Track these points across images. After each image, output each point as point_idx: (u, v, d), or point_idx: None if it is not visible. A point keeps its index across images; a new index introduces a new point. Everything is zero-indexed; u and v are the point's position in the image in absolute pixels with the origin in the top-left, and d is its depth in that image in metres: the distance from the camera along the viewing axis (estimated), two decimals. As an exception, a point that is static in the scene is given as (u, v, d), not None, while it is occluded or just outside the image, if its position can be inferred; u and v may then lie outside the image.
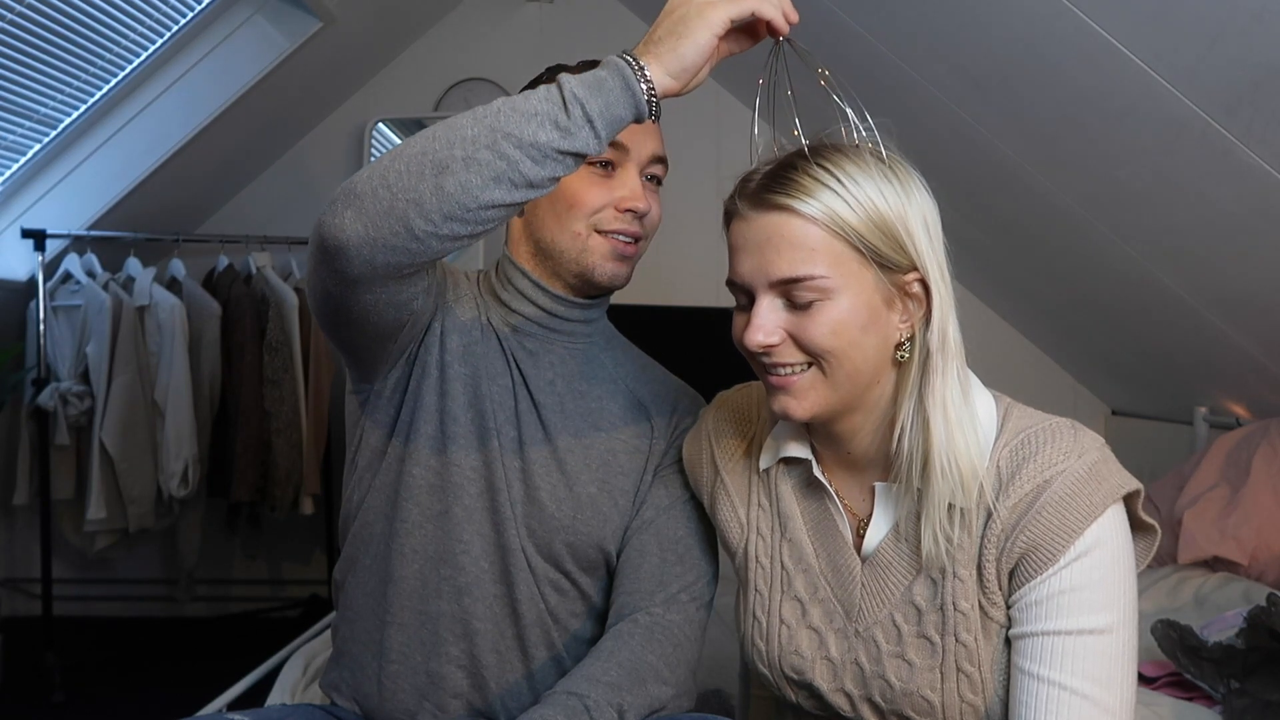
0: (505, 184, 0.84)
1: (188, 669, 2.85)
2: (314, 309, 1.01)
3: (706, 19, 0.84)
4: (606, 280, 1.10)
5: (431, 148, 0.84)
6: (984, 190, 2.44)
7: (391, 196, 0.84)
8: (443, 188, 0.83)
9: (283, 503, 2.96)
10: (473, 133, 0.84)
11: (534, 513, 1.08)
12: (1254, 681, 1.40)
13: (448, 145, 0.84)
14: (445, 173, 0.83)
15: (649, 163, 1.10)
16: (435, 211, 0.84)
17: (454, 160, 0.83)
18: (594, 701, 0.93)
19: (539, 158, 0.84)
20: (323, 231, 0.88)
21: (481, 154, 0.83)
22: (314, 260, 0.93)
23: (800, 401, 0.90)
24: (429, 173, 0.84)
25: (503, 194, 0.85)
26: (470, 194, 0.84)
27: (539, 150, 0.84)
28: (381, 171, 0.86)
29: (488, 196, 0.84)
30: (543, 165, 0.84)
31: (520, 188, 0.85)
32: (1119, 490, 0.86)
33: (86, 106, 2.61)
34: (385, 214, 0.85)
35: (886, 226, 0.86)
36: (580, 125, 0.84)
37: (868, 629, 0.95)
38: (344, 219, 0.86)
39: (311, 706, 1.14)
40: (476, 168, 0.83)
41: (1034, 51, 1.76)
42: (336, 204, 0.87)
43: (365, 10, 2.78)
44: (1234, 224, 1.80)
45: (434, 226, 0.85)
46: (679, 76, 0.86)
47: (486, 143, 0.83)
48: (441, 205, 0.84)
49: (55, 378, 2.79)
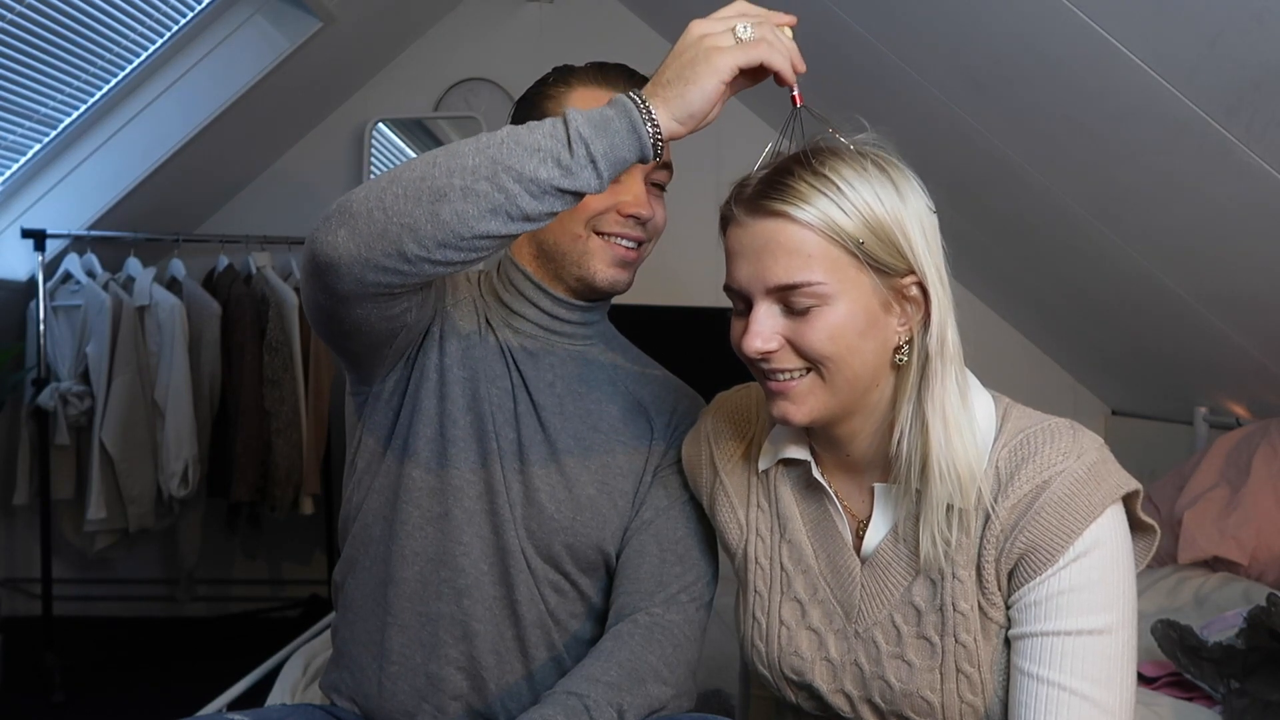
0: (502, 216, 0.84)
1: (188, 669, 2.85)
2: (309, 317, 1.02)
3: (714, 66, 0.84)
4: (607, 285, 1.10)
5: (430, 174, 0.84)
6: (984, 190, 2.44)
7: (386, 219, 0.84)
8: (438, 215, 0.83)
9: (283, 503, 2.96)
10: (473, 163, 0.84)
11: (533, 514, 1.08)
12: (1254, 681, 1.40)
13: (447, 174, 0.84)
14: (442, 201, 0.83)
15: (654, 169, 1.10)
16: (429, 238, 0.84)
17: (452, 189, 0.83)
18: (594, 701, 0.93)
19: (538, 193, 0.84)
20: (315, 247, 0.89)
21: (480, 185, 0.83)
22: (305, 273, 0.93)
23: (799, 406, 0.90)
24: (426, 199, 0.84)
25: (498, 226, 0.84)
26: (466, 224, 0.84)
27: (538, 186, 0.83)
28: (379, 193, 0.85)
29: (483, 227, 0.84)
30: (541, 201, 0.84)
31: (516, 220, 0.85)
32: (1118, 490, 0.86)
33: (86, 106, 2.61)
34: (379, 236, 0.85)
35: (883, 231, 0.85)
36: (583, 165, 0.84)
37: (867, 630, 0.95)
38: (337, 237, 0.86)
39: (312, 707, 1.14)
40: (474, 198, 0.83)
41: (1034, 51, 1.76)
42: (331, 221, 0.87)
43: (365, 10, 2.78)
44: (1234, 224, 1.80)
45: (427, 252, 0.85)
46: (685, 122, 0.86)
47: (486, 174, 0.83)
48: (436, 233, 0.84)
49: (55, 378, 2.79)
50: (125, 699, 2.65)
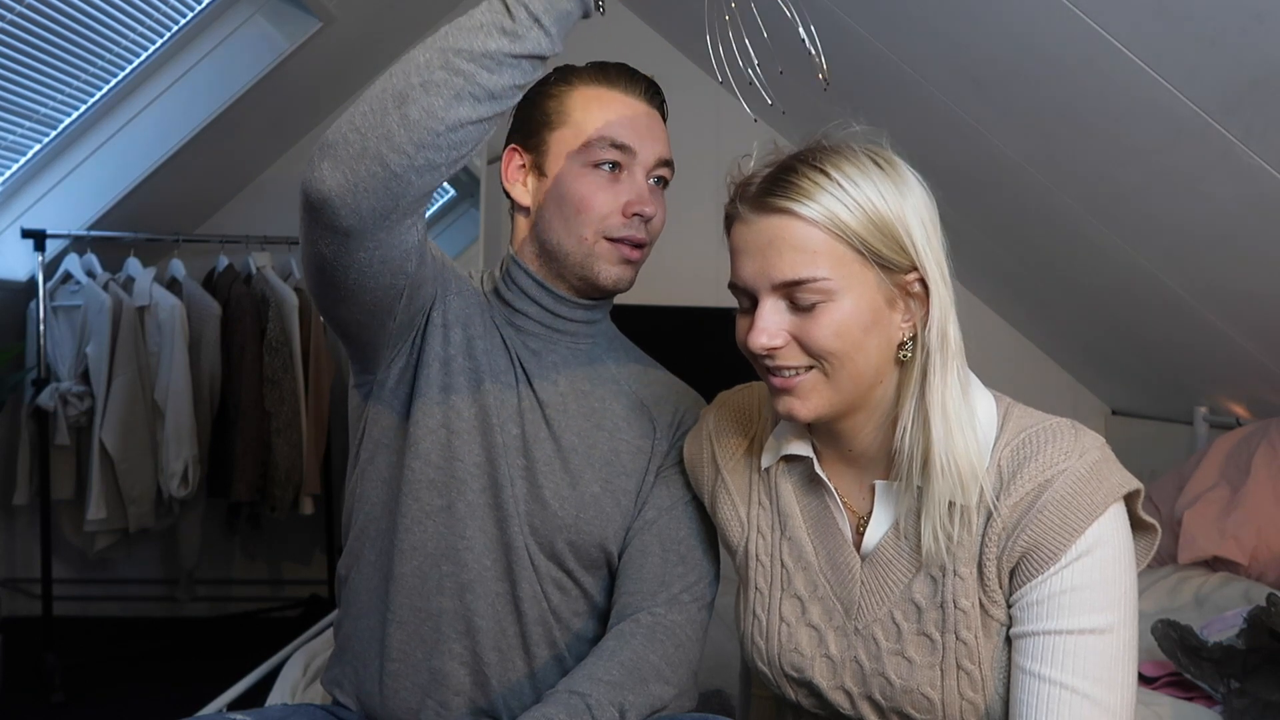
0: (468, 100, 0.85)
1: (188, 669, 2.85)
2: (310, 285, 1.01)
3: None
4: (611, 283, 1.10)
5: (390, 83, 0.86)
6: (984, 190, 2.44)
7: (362, 138, 0.86)
8: (408, 116, 0.85)
9: (283, 503, 2.96)
10: (425, 58, 0.86)
11: (537, 510, 1.08)
12: (1254, 681, 1.40)
13: (404, 76, 0.86)
14: (407, 102, 0.85)
15: (655, 166, 1.10)
16: (406, 142, 0.85)
17: (412, 88, 0.85)
18: (596, 700, 0.93)
19: (494, 66, 0.85)
20: (306, 188, 0.89)
21: (437, 75, 0.85)
22: (305, 222, 0.93)
23: (804, 402, 0.90)
24: (392, 106, 0.85)
25: (467, 111, 0.86)
26: (436, 117, 0.85)
27: (492, 59, 0.85)
28: (349, 117, 0.87)
29: (453, 116, 0.85)
30: (499, 73, 0.86)
31: (484, 101, 0.86)
32: (1120, 490, 0.86)
33: (86, 106, 2.61)
34: (359, 156, 0.86)
35: (886, 227, 0.86)
36: (528, 26, 0.86)
37: (867, 626, 0.95)
38: (322, 170, 0.87)
39: (313, 706, 1.14)
40: (436, 90, 0.85)
41: (1034, 51, 1.76)
42: (314, 159, 0.89)
43: (365, 10, 2.78)
44: (1234, 223, 1.80)
45: (408, 159, 0.86)
46: None
47: (440, 63, 0.85)
48: (411, 135, 0.85)
49: (55, 378, 2.79)
50: (125, 699, 2.65)
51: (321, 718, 1.12)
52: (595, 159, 1.07)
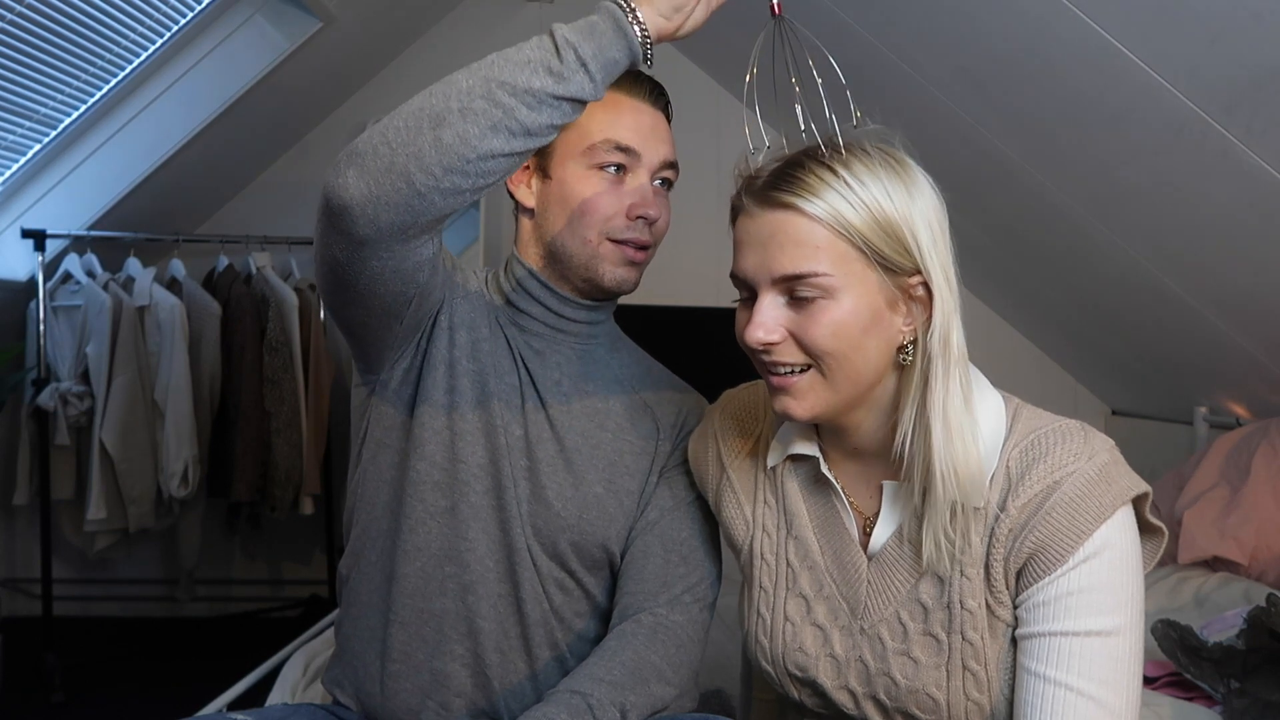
0: (503, 133, 0.85)
1: (188, 669, 2.85)
2: (321, 284, 1.01)
3: None
4: (614, 285, 1.09)
5: (429, 102, 0.86)
6: (984, 190, 2.44)
7: (391, 153, 0.85)
8: (441, 140, 0.85)
9: (283, 503, 2.96)
10: (467, 84, 0.85)
11: (540, 511, 1.08)
12: (1254, 681, 1.40)
13: (444, 98, 0.85)
14: (443, 125, 0.85)
15: (660, 168, 1.10)
16: (435, 164, 0.85)
17: (450, 112, 0.85)
18: (597, 700, 0.93)
19: (534, 104, 0.85)
20: (328, 193, 0.89)
21: (477, 103, 0.84)
22: (321, 225, 0.93)
23: (800, 402, 0.90)
24: (427, 126, 0.85)
25: (501, 143, 0.86)
26: (469, 144, 0.85)
27: (534, 96, 0.85)
28: (382, 130, 0.87)
29: (486, 146, 0.85)
30: (539, 111, 0.85)
31: (518, 136, 0.86)
32: (1128, 493, 0.86)
33: (86, 106, 2.61)
34: (386, 170, 0.86)
35: (891, 228, 0.85)
36: (574, 70, 0.85)
37: (873, 626, 0.95)
38: (347, 178, 0.87)
39: (313, 706, 1.14)
40: (473, 118, 0.84)
41: (1034, 52, 1.76)
42: (340, 165, 0.88)
43: (365, 10, 2.78)
44: (1234, 224, 1.80)
45: (435, 180, 0.86)
46: (671, 17, 0.87)
47: (481, 92, 0.84)
48: (441, 158, 0.85)
49: (55, 378, 2.79)
50: (125, 699, 2.65)
51: (322, 718, 1.12)
52: (599, 161, 1.07)
